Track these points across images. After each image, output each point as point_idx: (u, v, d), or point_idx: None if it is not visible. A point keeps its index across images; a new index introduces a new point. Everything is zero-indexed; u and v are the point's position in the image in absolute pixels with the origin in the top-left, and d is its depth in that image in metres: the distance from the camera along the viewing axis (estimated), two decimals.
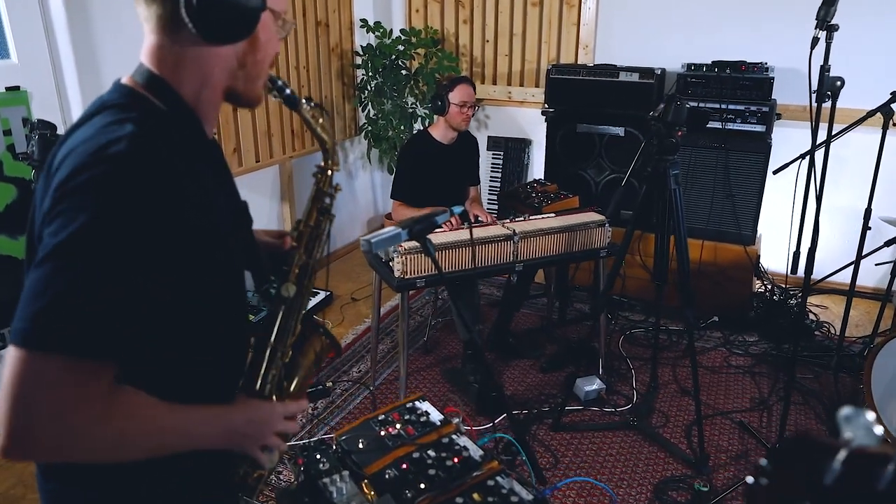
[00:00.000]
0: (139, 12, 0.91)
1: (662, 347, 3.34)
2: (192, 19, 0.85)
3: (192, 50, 0.90)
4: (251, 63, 0.95)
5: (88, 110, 0.91)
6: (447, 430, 1.44)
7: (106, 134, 0.82)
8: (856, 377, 3.05)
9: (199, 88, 0.93)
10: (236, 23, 0.88)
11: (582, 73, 3.78)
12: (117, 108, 0.88)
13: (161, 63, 0.91)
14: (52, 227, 0.78)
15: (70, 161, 0.81)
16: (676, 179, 2.34)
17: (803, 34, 3.58)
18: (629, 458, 2.56)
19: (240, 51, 0.93)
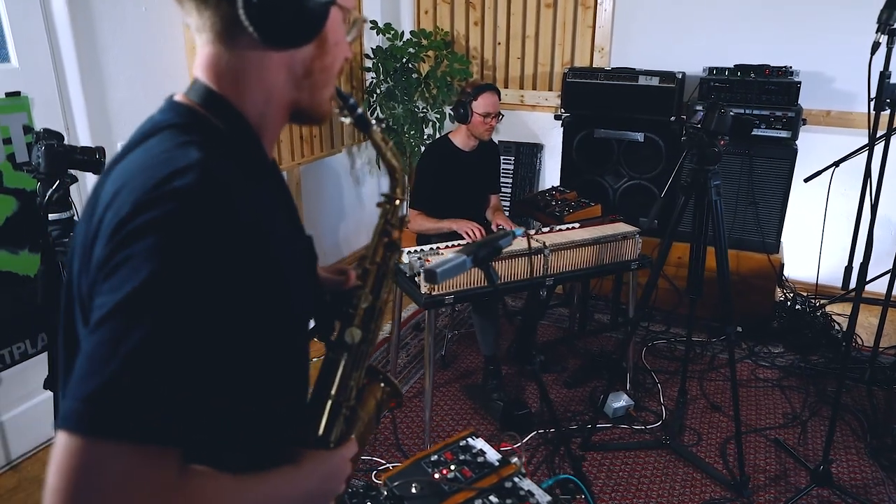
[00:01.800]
0: (190, 23, 0.78)
1: (684, 360, 3.24)
2: (252, 20, 0.73)
3: (254, 59, 0.78)
4: (318, 70, 0.82)
5: (140, 133, 0.78)
6: (507, 472, 1.33)
7: (167, 163, 0.69)
8: (889, 391, 2.96)
9: (264, 105, 0.81)
10: (302, 21, 0.76)
11: (600, 76, 3.67)
12: (175, 130, 0.75)
13: (220, 78, 0.78)
14: (112, 282, 0.65)
15: (125, 197, 0.68)
16: (718, 190, 2.23)
17: (826, 37, 3.52)
18: (665, 479, 2.46)
19: (306, 56, 0.81)
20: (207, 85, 0.79)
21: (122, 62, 2.70)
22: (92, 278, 0.69)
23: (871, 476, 2.48)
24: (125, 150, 0.78)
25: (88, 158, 1.98)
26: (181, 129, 0.76)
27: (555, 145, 4.32)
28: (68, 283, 0.78)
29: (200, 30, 0.77)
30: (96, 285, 0.68)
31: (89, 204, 0.77)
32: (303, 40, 0.78)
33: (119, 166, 0.75)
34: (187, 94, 0.80)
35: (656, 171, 3.66)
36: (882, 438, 2.67)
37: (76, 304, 0.75)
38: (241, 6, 0.72)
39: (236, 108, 0.79)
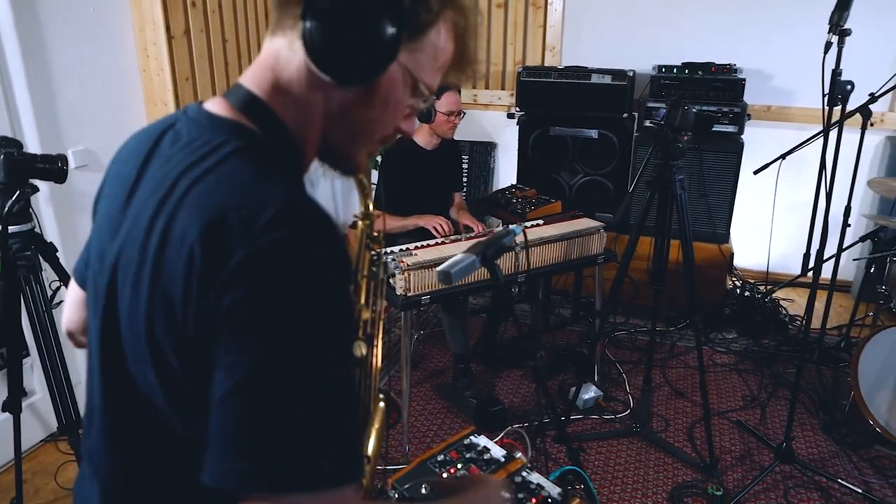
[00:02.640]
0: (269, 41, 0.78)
1: (646, 349, 3.34)
2: (307, 49, 0.71)
3: (304, 85, 0.75)
4: (357, 118, 0.78)
5: (196, 154, 0.72)
6: (515, 467, 1.35)
7: (264, 195, 0.66)
8: (836, 369, 3.14)
9: (305, 126, 0.78)
10: (353, 61, 0.72)
11: (553, 75, 3.74)
12: (251, 154, 0.72)
13: (274, 95, 0.76)
14: (253, 332, 0.62)
15: (232, 237, 0.63)
16: (682, 184, 2.32)
17: (765, 36, 3.69)
18: (638, 466, 2.54)
19: (348, 96, 0.76)
20: (263, 100, 0.76)
21: (72, 63, 2.58)
22: (204, 324, 0.64)
23: (827, 449, 2.63)
24: (182, 172, 0.72)
25: (50, 167, 1.89)
26: (252, 154, 0.72)
27: (508, 143, 4.38)
28: (109, 318, 0.75)
29: (271, 34, 0.76)
30: (220, 332, 0.63)
31: (145, 237, 0.70)
32: (348, 80, 0.74)
33: (193, 194, 0.68)
34: (235, 104, 0.76)
35: (610, 166, 3.76)
36: (832, 414, 2.83)
37: (143, 342, 0.70)
38: (301, 34, 0.71)
39: (288, 129, 0.77)
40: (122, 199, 0.78)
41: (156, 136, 0.79)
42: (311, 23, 0.70)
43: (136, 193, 0.76)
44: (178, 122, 0.79)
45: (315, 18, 0.69)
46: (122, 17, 2.80)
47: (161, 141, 0.78)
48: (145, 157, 0.78)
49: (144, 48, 2.87)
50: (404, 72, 0.76)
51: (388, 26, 0.70)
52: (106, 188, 0.85)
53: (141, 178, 0.77)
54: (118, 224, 0.77)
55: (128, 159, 0.82)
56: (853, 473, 2.48)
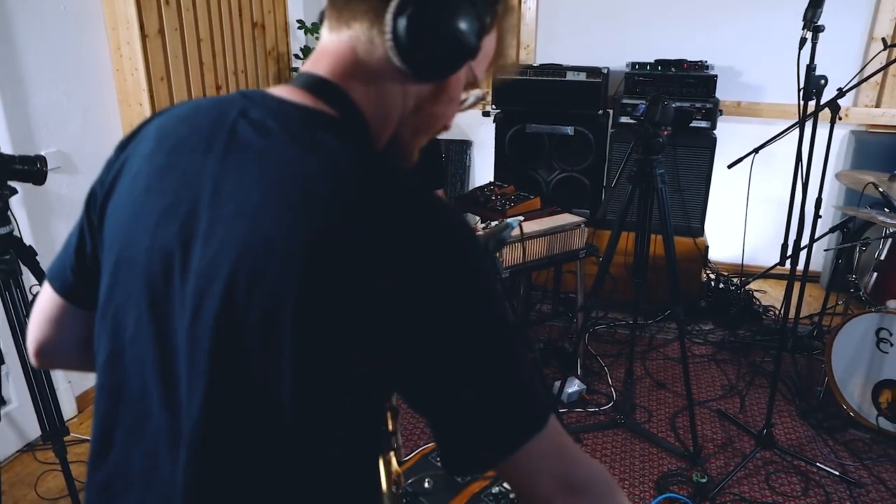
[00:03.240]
0: (329, 14, 0.76)
1: (626, 342, 3.39)
2: (393, 45, 0.71)
3: (384, 76, 0.75)
4: (427, 114, 0.79)
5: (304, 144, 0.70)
6: None
7: (394, 183, 0.69)
8: (810, 357, 3.23)
9: (382, 123, 0.78)
10: (441, 57, 0.73)
11: (529, 73, 3.77)
12: (360, 148, 0.72)
13: (350, 82, 0.75)
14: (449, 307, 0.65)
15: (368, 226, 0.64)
16: (663, 178, 2.36)
17: (734, 33, 3.77)
18: (624, 457, 2.57)
19: (423, 93, 0.77)
20: (342, 88, 0.74)
21: (43, 63, 2.52)
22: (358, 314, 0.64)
23: (805, 435, 2.70)
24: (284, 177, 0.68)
25: (28, 168, 1.84)
26: (357, 149, 0.71)
27: (483, 141, 4.40)
28: (225, 321, 0.67)
29: (337, 24, 0.75)
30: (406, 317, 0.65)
31: (262, 228, 0.66)
32: (431, 76, 0.75)
33: (329, 192, 0.66)
34: (314, 92, 0.74)
35: (586, 162, 3.81)
36: (808, 400, 2.90)
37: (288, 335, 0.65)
38: (385, 27, 0.70)
39: (366, 119, 0.76)
40: (200, 195, 0.71)
41: (227, 126, 0.73)
42: (402, 17, 0.70)
43: (229, 190, 0.69)
44: (248, 110, 0.74)
45: (406, 13, 0.69)
46: (94, 15, 2.73)
47: (237, 131, 0.72)
48: (224, 150, 0.72)
49: (118, 47, 2.81)
50: (468, 68, 0.77)
51: (472, 25, 0.72)
52: (145, 182, 0.76)
53: (228, 173, 0.70)
54: (205, 224, 0.70)
55: (186, 151, 0.74)
56: (830, 457, 2.55)
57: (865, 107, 3.70)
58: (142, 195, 0.75)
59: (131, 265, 0.74)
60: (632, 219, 2.49)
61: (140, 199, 0.75)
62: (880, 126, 3.74)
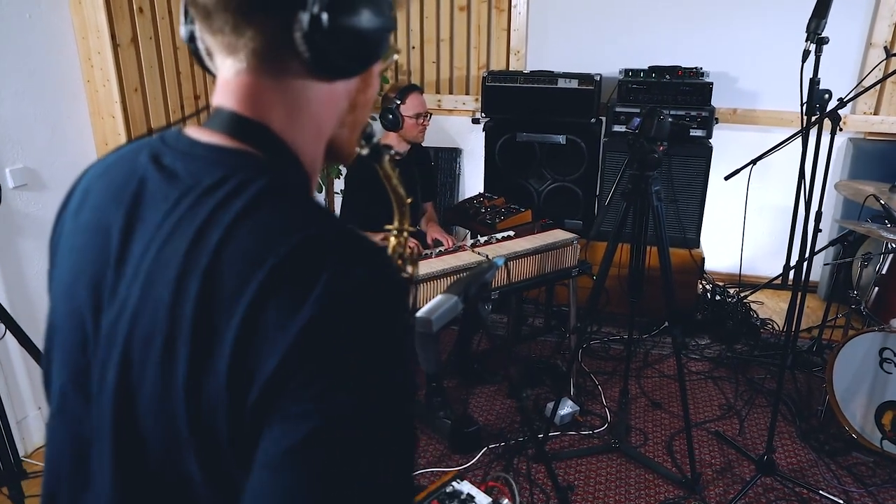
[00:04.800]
0: (215, 43, 0.64)
1: (620, 359, 3.29)
2: (311, 45, 0.60)
3: (302, 89, 0.65)
4: (362, 104, 0.72)
5: (215, 192, 0.62)
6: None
7: (318, 230, 0.60)
8: (810, 374, 3.13)
9: (315, 145, 0.69)
10: (364, 49, 0.65)
11: (519, 80, 3.66)
12: (282, 190, 0.63)
13: (264, 110, 0.65)
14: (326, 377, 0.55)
15: (290, 296, 0.56)
16: (658, 195, 2.25)
17: (729, 39, 3.67)
18: (619, 484, 2.47)
19: (352, 88, 0.70)
20: (256, 120, 0.65)
21: (8, 74, 2.39)
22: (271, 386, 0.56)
23: (805, 458, 2.60)
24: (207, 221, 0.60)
25: None
26: (286, 191, 0.63)
27: (473, 149, 4.29)
28: (124, 403, 0.63)
29: (233, 50, 0.63)
30: (289, 386, 0.55)
31: (159, 292, 0.60)
32: (358, 71, 0.67)
33: (235, 246, 0.59)
34: (226, 130, 0.65)
35: (579, 172, 3.70)
36: (808, 420, 2.81)
37: (183, 421, 0.59)
38: (301, 28, 0.60)
39: (294, 152, 0.67)
40: (108, 254, 0.65)
41: (139, 175, 0.66)
42: (314, 34, 0.60)
43: (133, 247, 0.64)
44: (161, 155, 0.67)
45: (323, 6, 0.60)
46: (62, 24, 2.61)
47: (147, 180, 0.66)
48: (132, 201, 0.65)
49: (88, 57, 2.68)
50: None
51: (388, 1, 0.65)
52: (70, 242, 0.71)
53: (133, 227, 0.64)
54: (104, 287, 0.65)
55: (101, 204, 0.68)
56: (833, 483, 2.45)
57: (864, 114, 3.61)
58: (67, 257, 0.71)
59: (56, 332, 0.71)
60: (626, 230, 2.38)
61: (65, 261, 0.71)
62: (879, 134, 3.65)
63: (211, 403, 0.57)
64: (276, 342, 0.54)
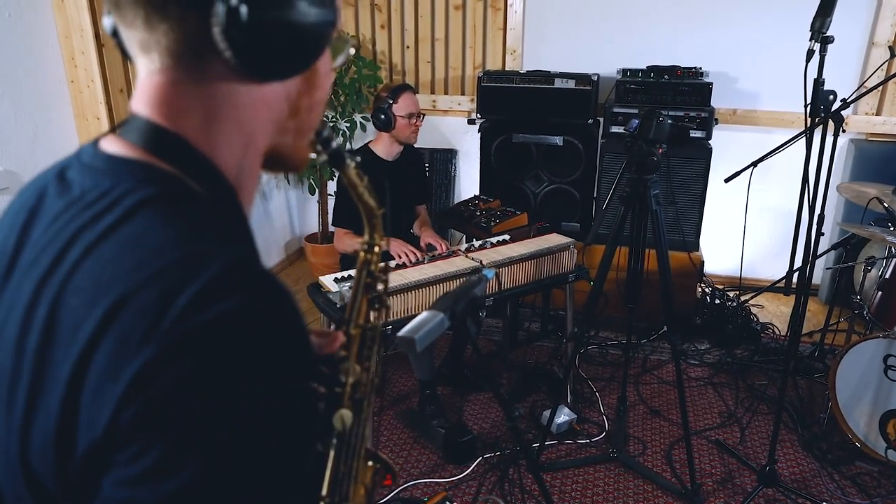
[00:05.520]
0: (127, 37, 0.57)
1: (618, 364, 3.23)
2: (232, 42, 0.53)
3: (226, 93, 0.58)
4: (306, 107, 0.64)
5: (93, 206, 0.55)
6: None
7: (190, 268, 0.50)
8: (811, 380, 3.07)
9: (241, 154, 0.61)
10: (298, 47, 0.57)
11: (515, 80, 3.60)
12: (162, 206, 0.54)
13: (181, 118, 0.58)
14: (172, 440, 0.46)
15: (139, 326, 0.47)
16: (658, 199, 2.19)
17: (729, 38, 3.61)
18: (618, 495, 2.40)
19: (292, 90, 0.62)
20: (163, 126, 0.57)
21: None
22: (102, 447, 0.48)
23: (808, 468, 2.54)
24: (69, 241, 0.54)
25: None
26: (169, 204, 0.55)
27: (468, 150, 4.23)
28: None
29: (146, 48, 0.56)
30: (113, 461, 0.48)
31: (12, 321, 0.54)
32: (294, 71, 0.59)
33: (86, 269, 0.51)
34: (135, 140, 0.58)
35: (576, 174, 3.64)
36: (810, 428, 2.75)
37: (18, 476, 0.53)
38: (219, 22, 0.52)
39: (210, 160, 0.59)
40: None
41: (41, 189, 0.60)
42: (233, 29, 0.52)
43: (15, 270, 0.57)
44: (68, 168, 0.60)
45: (242, 8, 0.52)
46: (44, 23, 2.54)
47: (45, 195, 0.60)
48: (27, 219, 0.59)
49: (72, 57, 2.61)
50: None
51: None
52: None
53: (22, 248, 0.58)
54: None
55: (6, 222, 0.62)
56: (837, 494, 2.39)
57: (866, 115, 3.55)
58: None
59: None
60: (625, 233, 2.32)
61: None
62: (881, 135, 3.59)
63: (41, 457, 0.50)
64: (105, 393, 0.46)
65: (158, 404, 0.46)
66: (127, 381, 0.46)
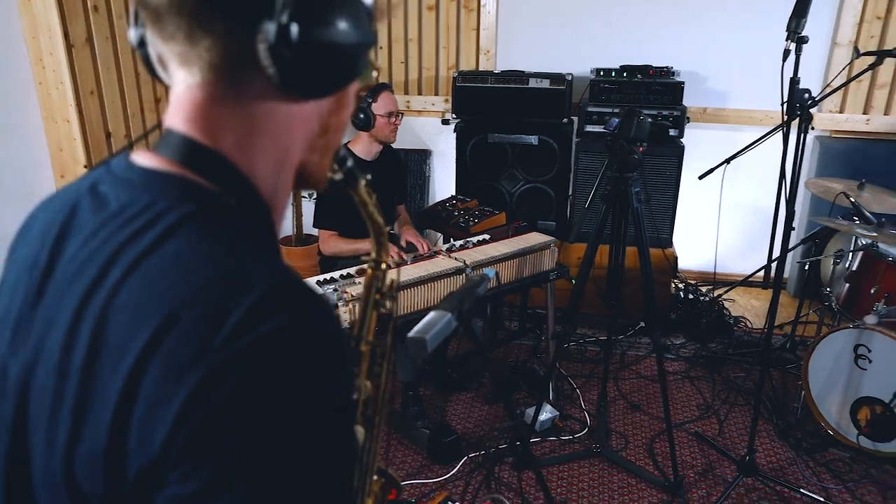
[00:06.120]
0: (162, 50, 0.56)
1: (597, 361, 3.27)
2: (278, 60, 0.53)
3: (265, 110, 0.57)
4: (335, 126, 0.65)
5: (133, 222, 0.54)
6: None
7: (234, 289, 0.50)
8: (784, 371, 3.15)
9: (276, 172, 0.61)
10: (339, 66, 0.57)
11: (490, 80, 3.61)
12: (203, 224, 0.54)
13: (219, 134, 0.57)
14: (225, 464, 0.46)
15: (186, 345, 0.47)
16: (639, 197, 2.22)
17: (698, 38, 3.68)
18: (602, 490, 2.43)
19: (324, 108, 0.62)
20: (207, 146, 0.57)
21: None
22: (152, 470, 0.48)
23: (784, 456, 2.61)
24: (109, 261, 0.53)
25: None
26: (210, 221, 0.54)
27: (443, 150, 4.23)
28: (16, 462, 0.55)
29: (186, 62, 0.55)
30: (168, 482, 0.47)
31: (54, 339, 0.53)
32: (333, 89, 0.59)
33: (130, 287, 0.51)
34: (171, 155, 0.57)
35: (551, 173, 3.67)
36: (785, 418, 2.82)
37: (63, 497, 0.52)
38: (266, 39, 0.52)
39: (248, 179, 0.58)
40: (30, 293, 0.57)
41: (72, 203, 0.59)
42: (281, 48, 0.52)
43: (50, 286, 0.56)
44: (100, 182, 0.59)
45: (296, 16, 0.52)
46: (10, 23, 2.46)
47: (78, 209, 0.58)
48: (59, 233, 0.58)
49: (40, 58, 2.54)
50: None
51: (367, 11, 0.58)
52: (4, 281, 0.64)
53: (55, 263, 0.57)
54: (25, 329, 0.57)
55: (35, 237, 0.61)
56: (812, 480, 2.46)
57: (830, 112, 3.66)
58: (3, 298, 0.63)
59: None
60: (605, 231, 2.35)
61: (2, 303, 0.62)
62: (844, 132, 3.70)
63: (88, 475, 0.50)
64: (159, 413, 0.46)
65: (213, 423, 0.46)
66: (181, 400, 0.46)
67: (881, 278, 2.76)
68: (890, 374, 2.45)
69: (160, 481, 0.47)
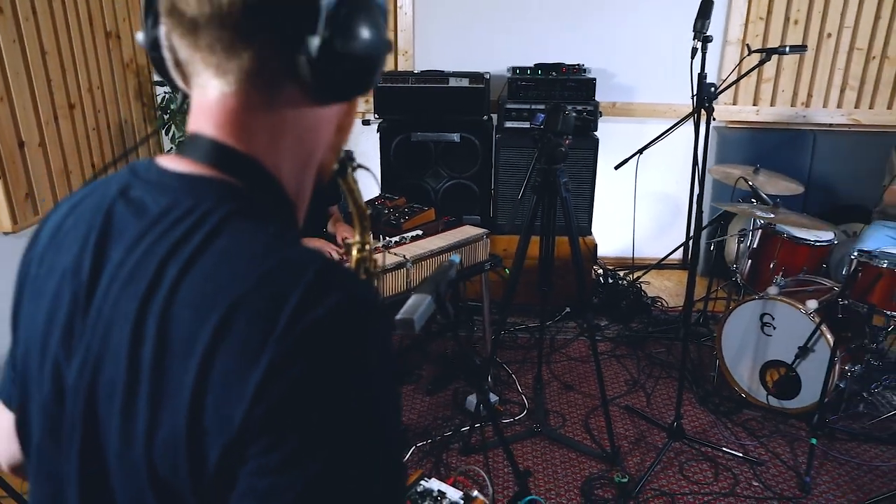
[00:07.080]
0: (198, 60, 0.58)
1: (528, 347, 3.41)
2: (316, 72, 0.56)
3: (296, 113, 0.61)
4: (347, 126, 0.69)
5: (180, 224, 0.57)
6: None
7: (283, 263, 0.55)
8: (700, 344, 3.41)
9: (301, 173, 0.65)
10: (368, 71, 0.61)
11: (411, 80, 3.68)
12: (245, 218, 0.58)
13: (249, 137, 0.60)
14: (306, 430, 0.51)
15: (255, 330, 0.51)
16: (567, 186, 2.36)
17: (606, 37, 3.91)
18: (546, 465, 2.57)
19: (341, 111, 0.67)
20: (238, 149, 0.60)
21: None
22: (233, 447, 0.51)
23: (706, 420, 2.84)
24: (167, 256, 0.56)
25: None
26: (249, 218, 0.59)
27: (365, 151, 4.25)
28: (91, 457, 0.59)
29: (222, 72, 0.58)
30: (249, 455, 0.51)
31: (119, 338, 0.56)
32: (358, 94, 0.63)
33: (190, 283, 0.54)
34: (202, 158, 0.60)
35: (474, 168, 3.79)
36: (704, 386, 3.06)
37: (145, 482, 0.55)
38: (308, 51, 0.55)
39: (277, 179, 0.62)
40: (78, 297, 0.60)
41: (104, 209, 0.62)
42: (323, 60, 0.56)
43: (98, 290, 0.59)
44: (130, 187, 0.62)
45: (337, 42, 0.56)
46: None
47: (113, 215, 0.61)
48: (98, 240, 0.60)
49: None
50: None
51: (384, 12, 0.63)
52: (39, 287, 0.65)
53: (101, 268, 0.59)
54: (75, 332, 0.60)
55: (71, 243, 0.63)
56: (731, 439, 2.70)
57: (725, 104, 3.98)
58: (35, 303, 0.66)
59: (31, 384, 0.66)
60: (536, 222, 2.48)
61: (35, 307, 0.66)
62: (738, 122, 4.04)
63: (170, 459, 0.53)
64: (234, 395, 0.50)
65: (291, 397, 0.50)
66: (256, 381, 0.50)
67: (779, 253, 3.05)
68: (791, 337, 2.72)
69: (242, 456, 0.50)
